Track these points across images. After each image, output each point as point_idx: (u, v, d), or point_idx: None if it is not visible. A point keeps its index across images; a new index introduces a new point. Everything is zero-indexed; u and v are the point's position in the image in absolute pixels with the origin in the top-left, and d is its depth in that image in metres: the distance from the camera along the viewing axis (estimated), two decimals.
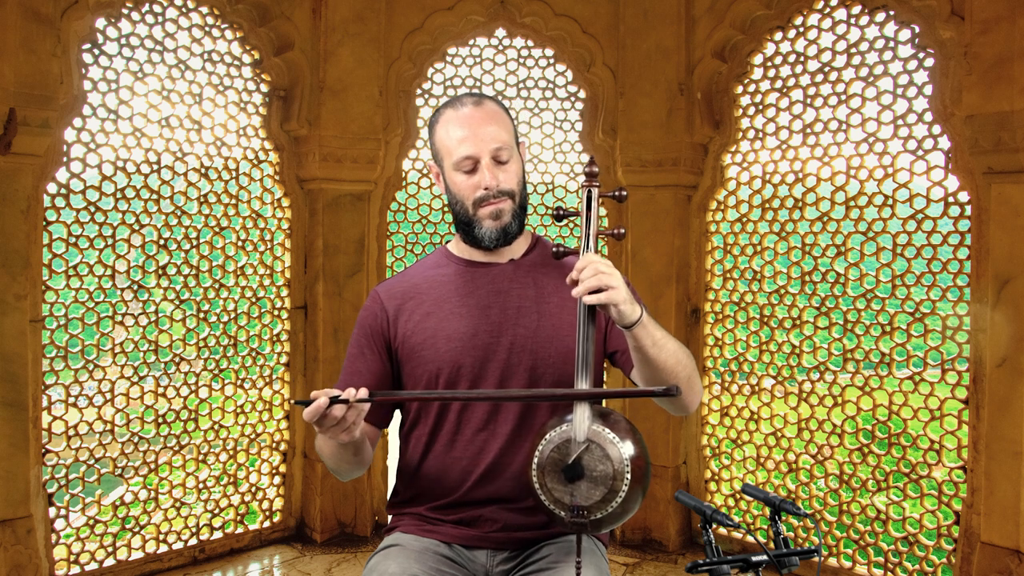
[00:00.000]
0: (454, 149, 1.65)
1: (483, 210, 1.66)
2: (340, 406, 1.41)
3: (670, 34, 3.60)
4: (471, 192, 1.65)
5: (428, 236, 3.92)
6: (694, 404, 1.65)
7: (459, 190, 1.67)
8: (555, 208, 1.53)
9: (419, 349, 1.69)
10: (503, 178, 1.65)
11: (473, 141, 1.64)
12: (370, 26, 3.66)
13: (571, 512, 1.36)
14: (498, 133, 1.65)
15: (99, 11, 3.02)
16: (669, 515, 3.65)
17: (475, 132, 1.64)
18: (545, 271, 1.73)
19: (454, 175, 1.67)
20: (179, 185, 3.38)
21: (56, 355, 3.03)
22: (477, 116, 1.66)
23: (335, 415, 1.41)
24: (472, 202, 1.66)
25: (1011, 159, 2.72)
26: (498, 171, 1.65)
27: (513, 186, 1.67)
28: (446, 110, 1.70)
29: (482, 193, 1.64)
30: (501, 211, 1.66)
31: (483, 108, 1.67)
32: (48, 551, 2.96)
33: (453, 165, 1.66)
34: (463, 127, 1.65)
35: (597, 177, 1.48)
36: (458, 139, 1.65)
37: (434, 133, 1.71)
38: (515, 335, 1.67)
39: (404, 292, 1.75)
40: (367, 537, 3.74)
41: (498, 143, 1.64)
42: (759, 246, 3.51)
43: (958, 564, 2.90)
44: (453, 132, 1.66)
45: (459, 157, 1.64)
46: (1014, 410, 2.74)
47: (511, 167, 1.67)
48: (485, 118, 1.66)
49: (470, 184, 1.65)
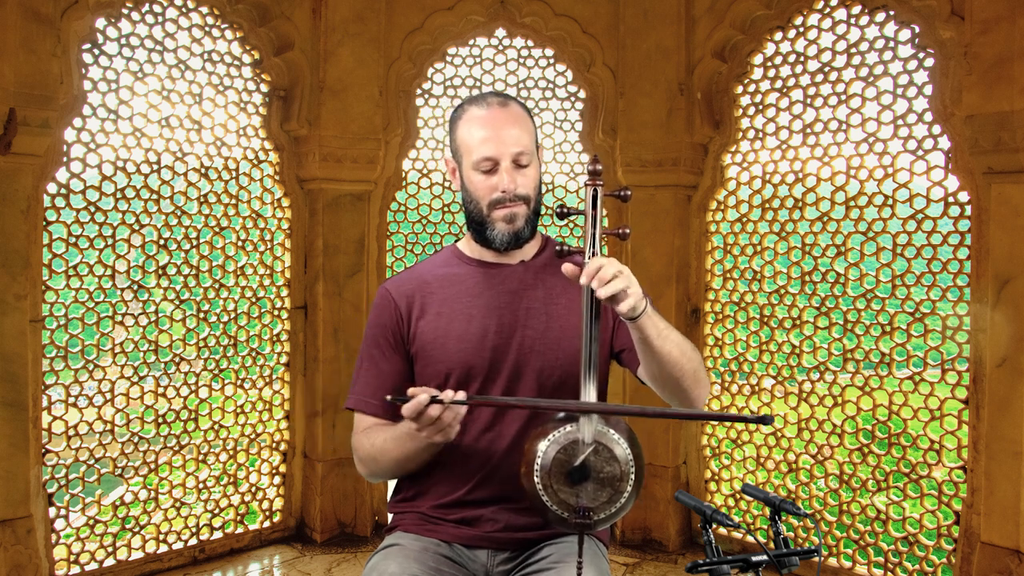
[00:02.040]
0: (475, 148, 1.64)
1: (498, 212, 1.65)
2: (436, 406, 1.41)
3: (670, 34, 3.60)
4: (488, 193, 1.65)
5: (428, 236, 3.92)
6: (702, 397, 1.64)
7: (476, 189, 1.66)
8: (557, 206, 1.52)
9: (428, 348, 1.69)
10: (521, 182, 1.64)
11: (495, 143, 1.63)
12: (370, 26, 3.66)
13: (576, 513, 1.35)
14: (520, 137, 1.64)
15: (99, 11, 3.02)
16: (669, 515, 3.65)
17: (497, 134, 1.63)
18: (554, 272, 1.73)
19: (472, 174, 1.66)
20: (179, 185, 3.38)
21: (56, 355, 3.03)
22: (501, 117, 1.65)
23: (431, 415, 1.41)
24: (488, 203, 1.65)
25: (1011, 159, 2.72)
26: (517, 175, 1.64)
27: (530, 191, 1.66)
28: (470, 107, 1.68)
29: (498, 196, 1.64)
30: (515, 215, 1.65)
31: (508, 110, 1.66)
32: (48, 551, 2.95)
33: (472, 164, 1.65)
34: (486, 127, 1.64)
35: (601, 176, 1.48)
36: (480, 139, 1.64)
37: (456, 128, 1.70)
38: (524, 336, 1.67)
39: (414, 289, 1.74)
40: (367, 537, 3.73)
41: (520, 147, 1.63)
42: (759, 246, 3.51)
43: (958, 564, 2.90)
44: (475, 131, 1.65)
45: (479, 157, 1.63)
46: (1014, 410, 2.74)
47: (530, 172, 1.66)
48: (509, 120, 1.65)
49: (487, 185, 1.64)
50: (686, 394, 1.59)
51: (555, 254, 1.49)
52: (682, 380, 1.56)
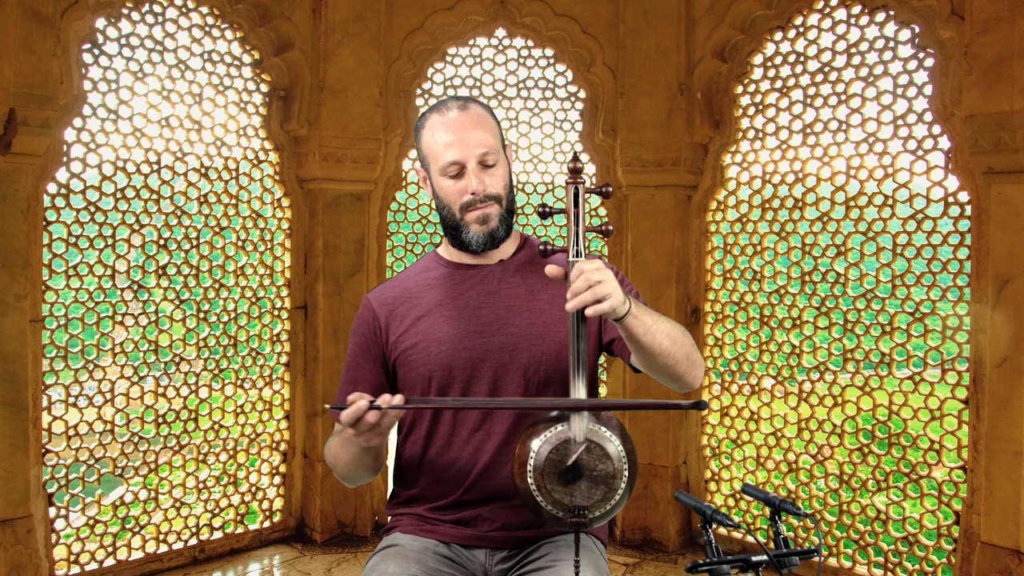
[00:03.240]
0: (440, 154, 1.65)
1: (470, 215, 1.66)
2: (374, 412, 1.43)
3: (670, 34, 3.60)
4: (458, 197, 1.65)
5: (428, 236, 3.92)
6: (698, 379, 1.65)
7: (446, 195, 1.67)
8: (539, 206, 1.52)
9: (411, 354, 1.70)
10: (489, 182, 1.65)
11: (459, 146, 1.63)
12: (370, 26, 3.66)
13: (571, 512, 1.35)
14: (484, 137, 1.65)
15: (99, 11, 3.02)
16: (669, 515, 3.65)
17: (461, 137, 1.64)
18: (534, 269, 1.74)
19: (441, 180, 1.67)
20: (179, 185, 3.38)
21: (56, 355, 3.03)
22: (463, 121, 1.65)
23: (369, 420, 1.43)
24: (459, 207, 1.66)
25: (1011, 159, 2.72)
26: (484, 175, 1.65)
27: (499, 190, 1.67)
28: (432, 114, 1.69)
29: (469, 198, 1.64)
30: (488, 215, 1.66)
31: (469, 112, 1.67)
32: (48, 551, 2.96)
33: (440, 170, 1.66)
34: (449, 132, 1.64)
35: (581, 173, 1.47)
36: (444, 144, 1.64)
37: (420, 138, 1.71)
38: (507, 334, 1.67)
39: (395, 298, 1.75)
40: (367, 537, 3.74)
41: (484, 148, 1.64)
42: (759, 246, 3.51)
43: (958, 564, 2.90)
44: (439, 137, 1.65)
45: (445, 162, 1.64)
46: (1014, 410, 2.74)
47: (497, 171, 1.66)
48: (471, 123, 1.65)
49: (456, 189, 1.65)
50: (681, 379, 1.61)
51: (539, 253, 1.48)
52: (675, 367, 1.57)
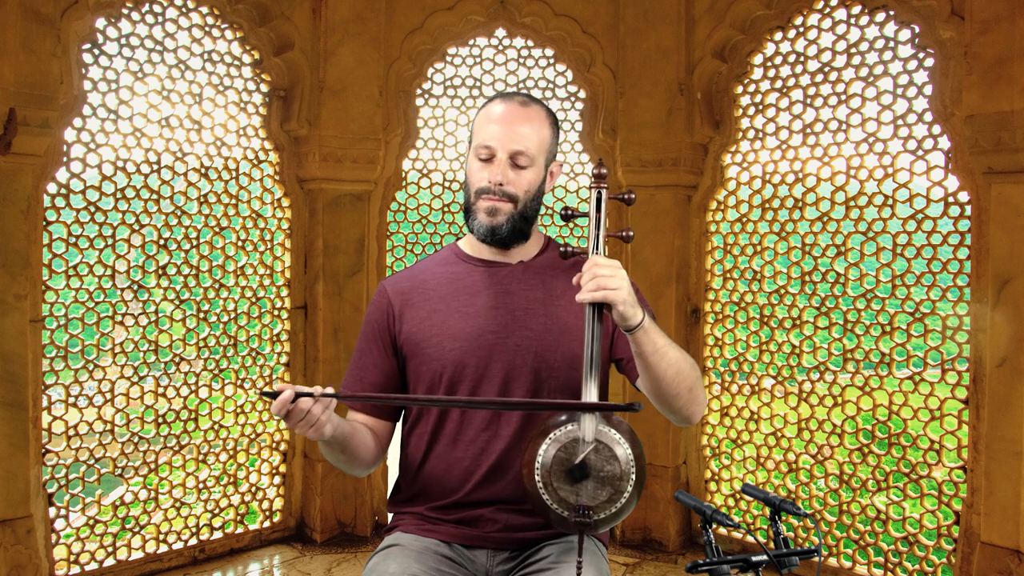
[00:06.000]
0: (480, 133, 1.67)
1: (482, 202, 1.66)
2: (306, 400, 1.40)
3: (670, 34, 3.60)
4: (478, 180, 1.66)
5: (428, 236, 3.92)
6: (696, 415, 1.64)
7: (470, 173, 1.69)
8: (561, 209, 1.52)
9: (423, 346, 1.69)
10: (512, 179, 1.64)
11: (499, 135, 1.64)
12: (370, 26, 3.66)
13: (576, 512, 1.35)
14: (527, 137, 1.64)
15: (99, 11, 3.02)
16: (669, 515, 3.65)
17: (506, 127, 1.64)
18: (555, 274, 1.73)
19: (472, 160, 1.69)
20: (179, 185, 3.38)
21: (56, 355, 3.03)
22: (517, 114, 1.66)
23: (301, 409, 1.41)
24: (475, 190, 1.67)
25: (1011, 159, 2.72)
26: (510, 172, 1.64)
27: (519, 192, 1.65)
28: (499, 98, 1.71)
29: (485, 184, 1.65)
30: (497, 210, 1.65)
31: (527, 110, 1.67)
32: (48, 551, 2.96)
33: (474, 148, 1.67)
34: (500, 117, 1.66)
35: (606, 179, 1.47)
36: (487, 128, 1.66)
37: (478, 113, 1.73)
38: (521, 337, 1.66)
39: (411, 287, 1.75)
40: (367, 537, 3.73)
41: (521, 147, 1.64)
42: (759, 246, 3.51)
43: (958, 564, 2.90)
44: (488, 119, 1.67)
45: (480, 143, 1.65)
46: (1014, 410, 2.74)
47: (525, 175, 1.65)
48: (522, 118, 1.66)
49: (480, 172, 1.66)
50: (679, 412, 1.61)
51: (560, 255, 1.50)
52: (677, 399, 1.57)
